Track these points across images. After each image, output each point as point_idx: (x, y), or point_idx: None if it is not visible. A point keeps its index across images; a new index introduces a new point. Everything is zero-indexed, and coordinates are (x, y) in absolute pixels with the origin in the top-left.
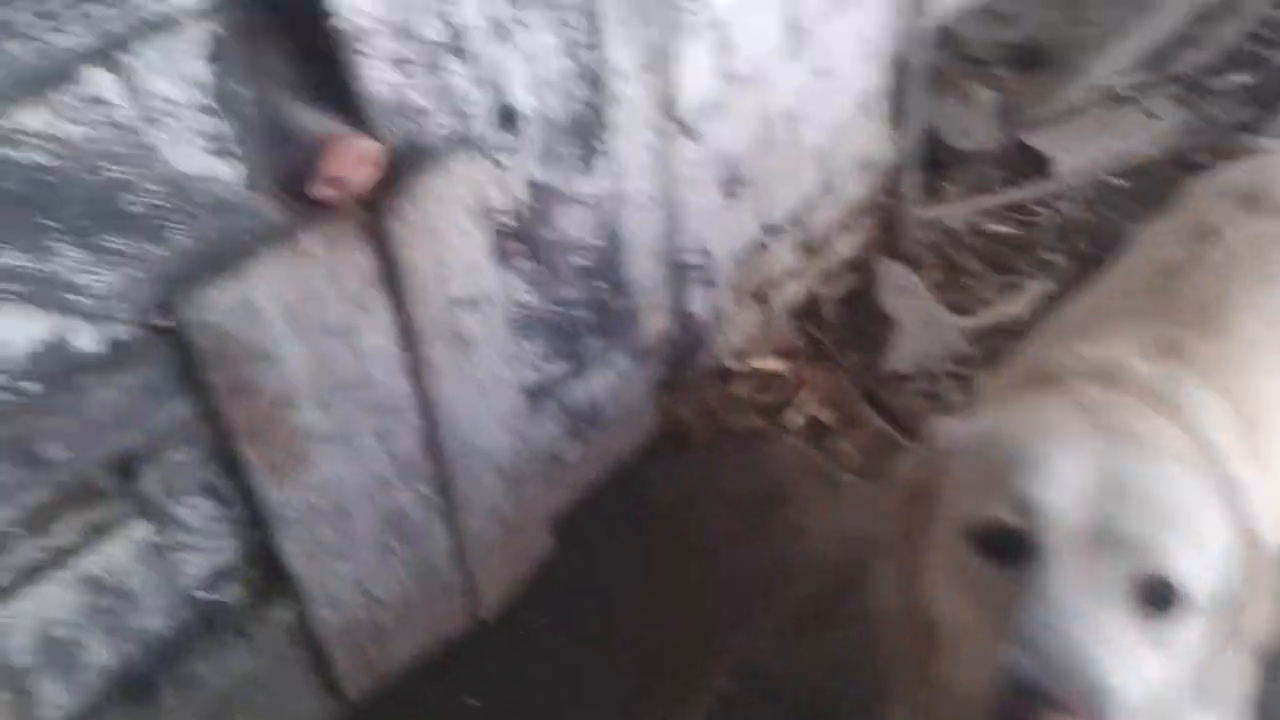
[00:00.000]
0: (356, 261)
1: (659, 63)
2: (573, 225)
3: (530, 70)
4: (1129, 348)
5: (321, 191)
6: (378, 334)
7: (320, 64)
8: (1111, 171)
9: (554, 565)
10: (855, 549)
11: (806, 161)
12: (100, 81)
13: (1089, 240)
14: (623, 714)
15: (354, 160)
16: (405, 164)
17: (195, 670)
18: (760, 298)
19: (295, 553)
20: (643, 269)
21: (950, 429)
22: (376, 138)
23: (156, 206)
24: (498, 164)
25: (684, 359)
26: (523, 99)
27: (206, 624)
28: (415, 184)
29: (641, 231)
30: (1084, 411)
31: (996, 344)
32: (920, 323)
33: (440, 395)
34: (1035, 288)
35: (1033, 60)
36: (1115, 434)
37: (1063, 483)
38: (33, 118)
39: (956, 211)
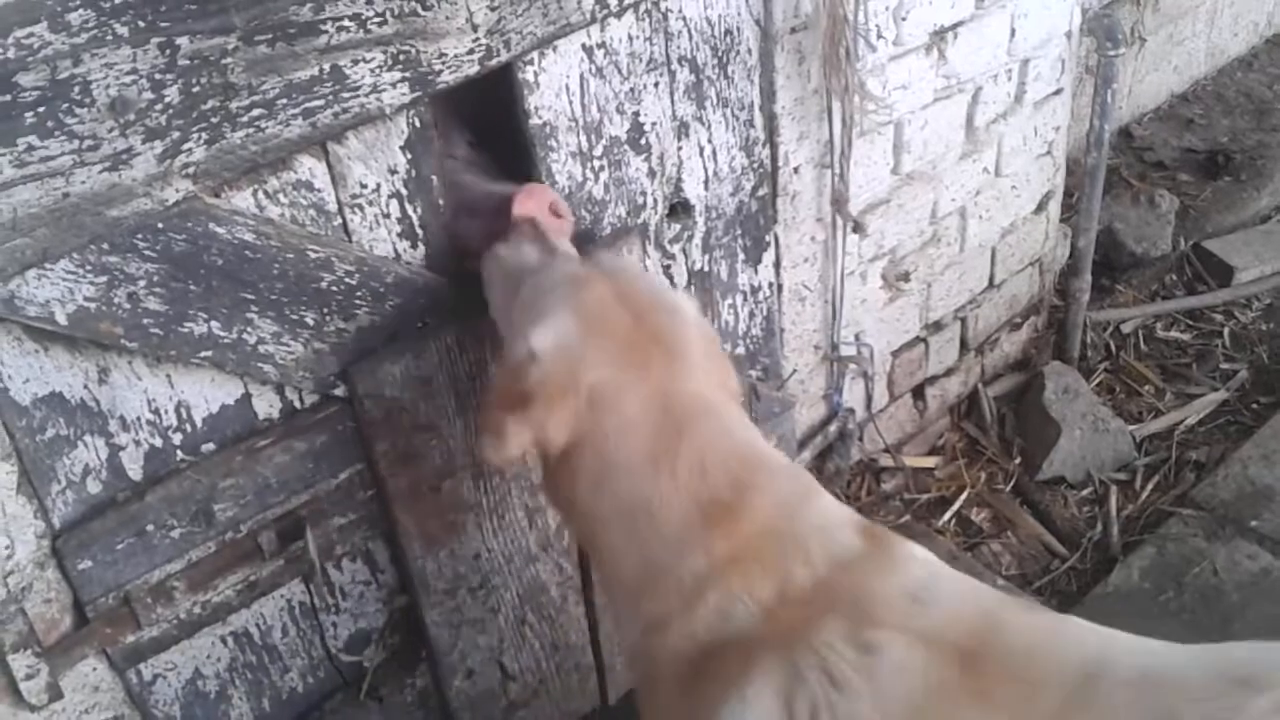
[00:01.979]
0: None
1: (832, 159)
2: (732, 314)
3: (705, 165)
4: None
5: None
6: None
7: (508, 155)
8: None
9: None
10: None
11: (975, 259)
12: (311, 168)
13: (1270, 352)
14: None
15: (542, 203)
16: (579, 250)
17: None
18: (918, 393)
19: (438, 621)
20: (799, 359)
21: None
22: None
23: (347, 285)
24: (665, 252)
25: (835, 451)
26: (695, 191)
27: (345, 686)
28: None
29: (801, 322)
30: None
31: (1167, 453)
32: (1088, 428)
33: None
34: (1211, 397)
35: (1217, 166)
36: None
37: None
38: (245, 199)
39: (1130, 315)
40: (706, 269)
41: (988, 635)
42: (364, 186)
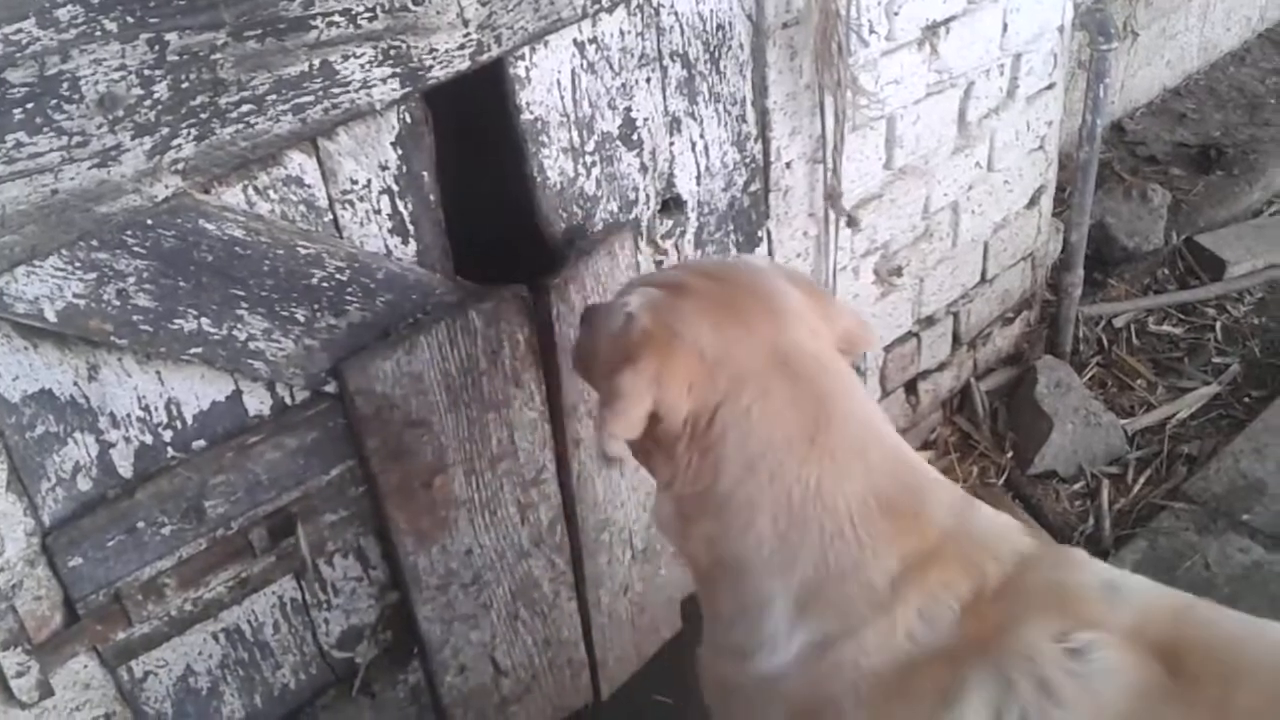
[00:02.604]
0: (516, 337)
1: (824, 154)
2: None
3: (697, 160)
4: None
5: None
6: (528, 408)
7: (499, 151)
8: None
9: (682, 645)
10: None
11: (967, 254)
12: (301, 164)
13: (1262, 345)
14: None
15: None
16: (570, 246)
17: None
18: (910, 388)
19: (430, 617)
20: None
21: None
22: (548, 222)
23: (337, 281)
24: (658, 248)
25: None
26: (687, 187)
27: (336, 682)
28: (579, 266)
29: None
30: None
31: (1159, 447)
32: (1080, 422)
33: (581, 469)
34: (1203, 391)
35: (1209, 161)
36: None
37: None
38: (235, 196)
39: (1122, 310)
40: None
41: (1185, 631)
42: (354, 182)
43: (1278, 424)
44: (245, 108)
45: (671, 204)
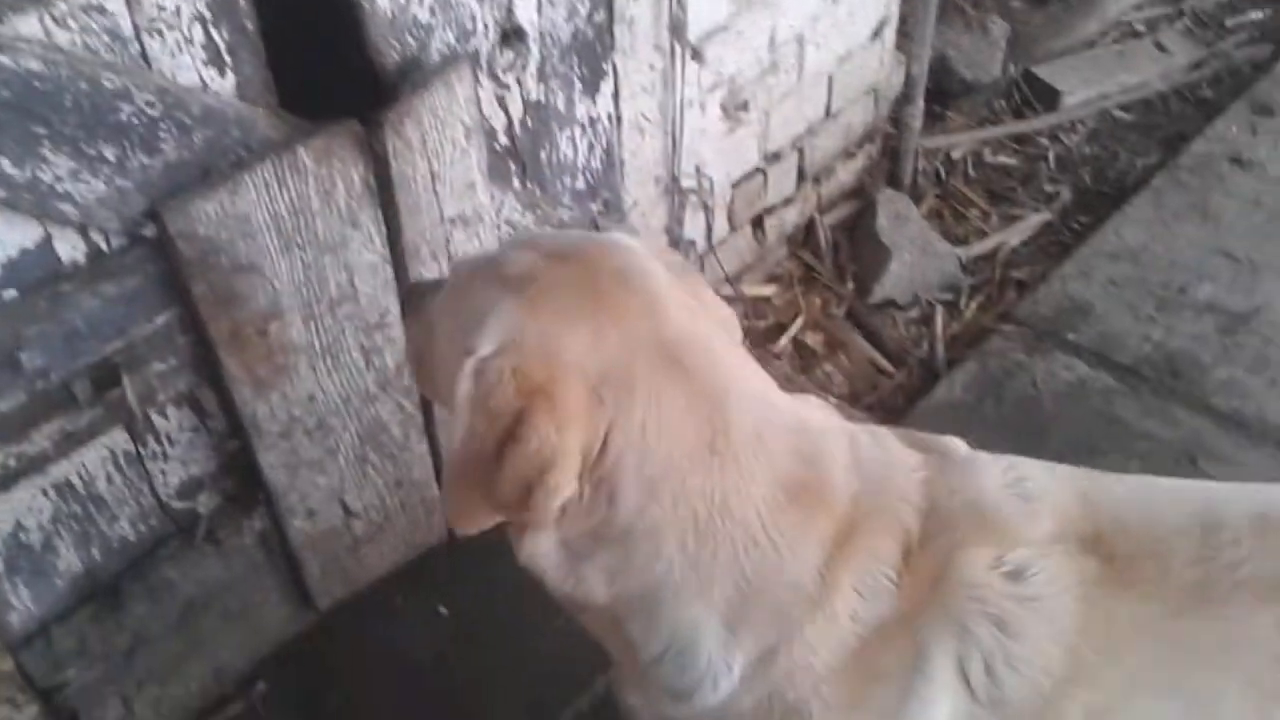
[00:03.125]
0: (350, 176)
1: None
2: (571, 146)
3: None
4: None
5: None
6: (368, 249)
7: None
8: (1119, 105)
9: None
10: None
11: (812, 88)
12: None
13: (1092, 173)
14: None
15: None
16: (405, 79)
17: (165, 576)
18: (757, 224)
19: (273, 464)
20: (640, 192)
21: None
22: (379, 53)
23: (149, 117)
24: (499, 82)
25: None
26: (528, 16)
27: (179, 532)
28: (414, 99)
29: (640, 154)
30: None
31: (991, 274)
32: (916, 252)
33: None
34: (1034, 219)
35: None
36: None
37: None
38: (31, 26)
39: (959, 141)
40: (543, 100)
41: (1096, 516)
42: (162, 9)
43: (1105, 248)
44: None
45: (512, 35)
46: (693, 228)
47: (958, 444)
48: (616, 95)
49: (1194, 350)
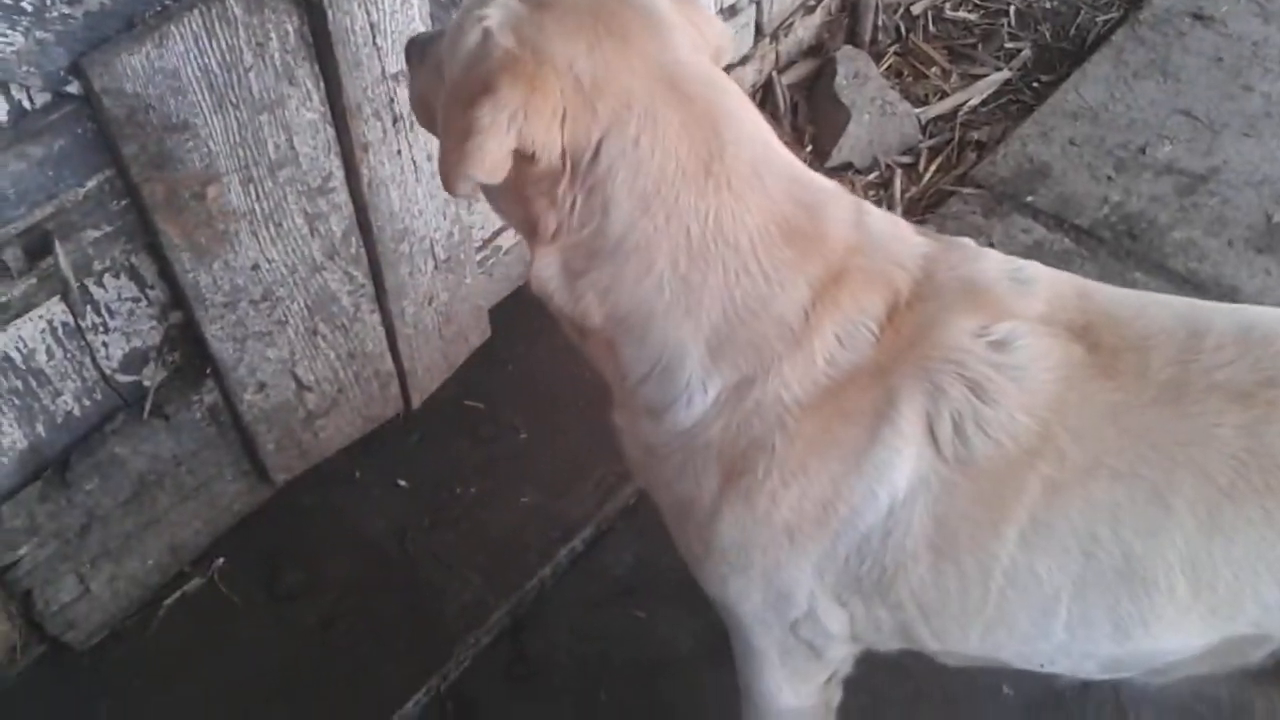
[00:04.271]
0: (284, 27)
1: None
2: None
3: None
4: None
5: None
6: (307, 108)
7: None
8: None
9: (491, 352)
10: None
11: None
12: None
13: (1053, 30)
14: (561, 495)
15: None
16: None
17: (114, 452)
18: None
19: (219, 336)
20: None
21: None
22: None
23: None
24: None
25: None
26: None
27: (126, 406)
28: None
29: None
30: None
31: (950, 135)
32: (876, 112)
33: (373, 175)
34: (994, 77)
35: None
36: None
37: None
38: None
39: None
40: None
41: (1093, 310)
42: None
43: (1064, 107)
44: None
45: None
46: None
47: (968, 241)
48: None
49: (1152, 212)
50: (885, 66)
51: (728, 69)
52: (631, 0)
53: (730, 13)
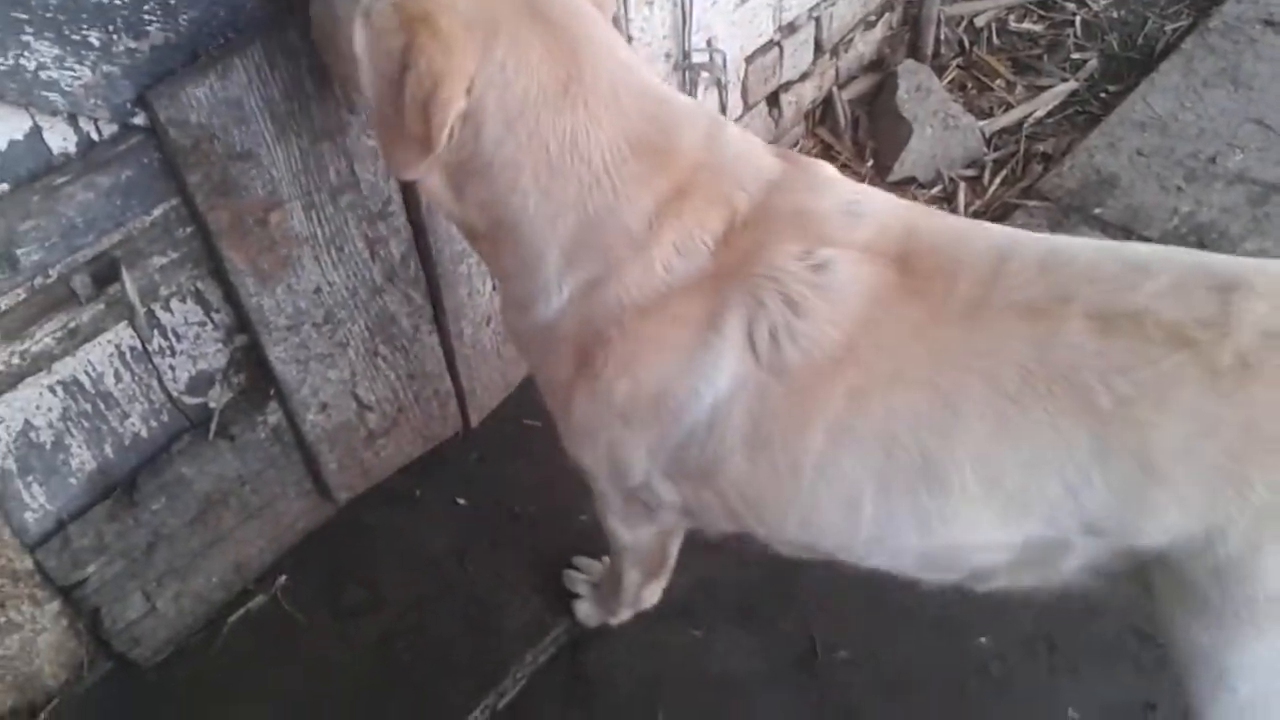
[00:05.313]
0: None
1: None
2: None
3: None
4: None
5: None
6: (367, 135)
7: None
8: None
9: None
10: None
11: None
12: None
13: (1120, 39)
14: None
15: None
16: None
17: (180, 472)
18: (773, 101)
19: (283, 358)
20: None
21: None
22: None
23: None
24: None
25: None
26: None
27: (192, 428)
28: None
29: (649, 29)
30: None
31: (1015, 147)
32: (938, 126)
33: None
34: (1060, 88)
35: None
36: None
37: None
38: None
39: (983, 8)
40: None
41: (913, 240)
42: None
43: (1132, 117)
44: None
45: None
46: (706, 105)
47: (825, 166)
48: None
49: (1223, 222)
50: (948, 80)
51: (787, 84)
52: None
53: (789, 30)
